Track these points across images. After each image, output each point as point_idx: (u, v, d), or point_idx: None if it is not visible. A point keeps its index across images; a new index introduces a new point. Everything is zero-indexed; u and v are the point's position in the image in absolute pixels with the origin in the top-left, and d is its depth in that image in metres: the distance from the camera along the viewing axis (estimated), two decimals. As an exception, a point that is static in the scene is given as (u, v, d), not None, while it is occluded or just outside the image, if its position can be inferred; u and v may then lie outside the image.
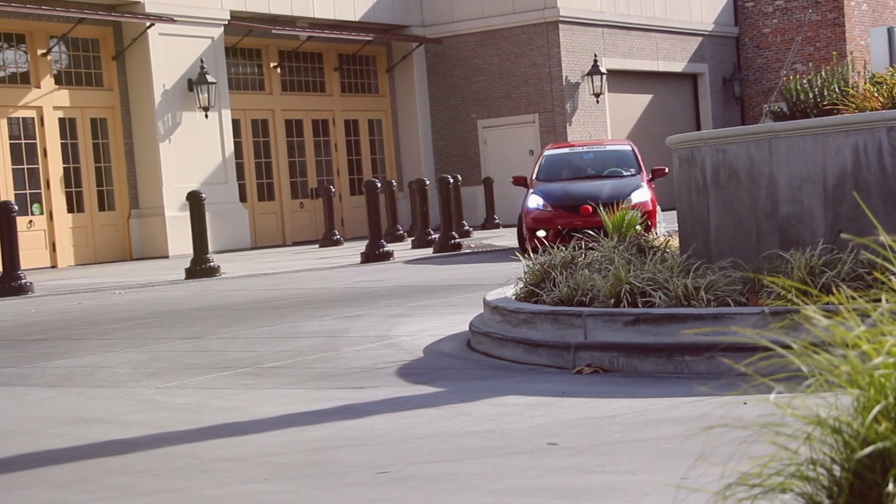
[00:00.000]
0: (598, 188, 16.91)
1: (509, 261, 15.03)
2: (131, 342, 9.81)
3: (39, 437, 6.03)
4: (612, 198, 16.20)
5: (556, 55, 28.31)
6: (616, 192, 16.65)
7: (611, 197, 16.33)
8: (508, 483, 4.44)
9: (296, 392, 6.92)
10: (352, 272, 16.63)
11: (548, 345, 7.29)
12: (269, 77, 26.64)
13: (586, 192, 16.74)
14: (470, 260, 17.68)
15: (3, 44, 21.68)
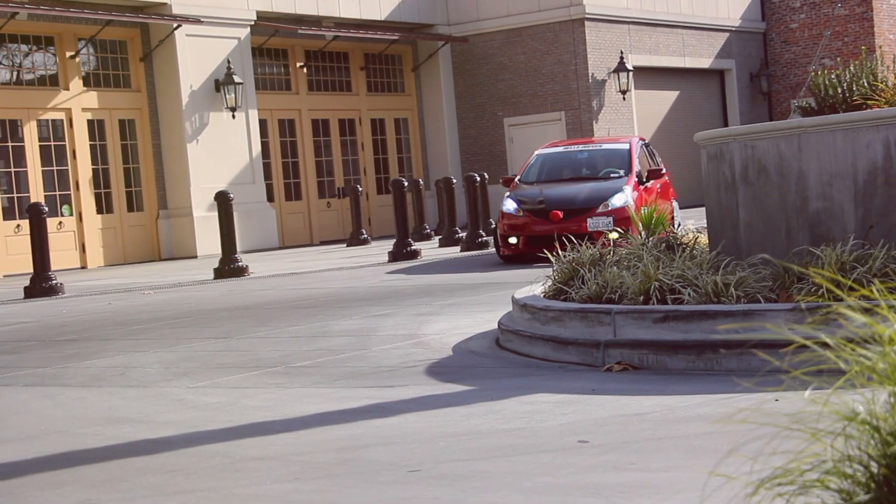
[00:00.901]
0: (573, 192, 16.05)
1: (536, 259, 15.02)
2: (161, 342, 9.85)
3: (72, 436, 6.07)
4: (586, 203, 15.66)
5: (582, 52, 28.25)
6: (592, 196, 15.82)
7: (585, 202, 15.70)
8: (540, 481, 4.43)
9: (326, 391, 6.93)
10: (379, 271, 16.65)
11: (577, 342, 7.28)
12: (296, 77, 26.69)
13: (560, 197, 15.95)
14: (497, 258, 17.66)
15: (33, 46, 21.81)
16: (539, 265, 14.22)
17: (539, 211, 15.72)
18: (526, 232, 15.71)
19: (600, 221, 15.40)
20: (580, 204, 15.67)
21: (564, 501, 4.10)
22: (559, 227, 15.05)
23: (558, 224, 15.30)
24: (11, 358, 9.46)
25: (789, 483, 2.43)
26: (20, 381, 8.14)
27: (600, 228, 15.20)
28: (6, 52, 21.40)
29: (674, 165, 30.56)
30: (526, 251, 15.54)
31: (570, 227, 14.84)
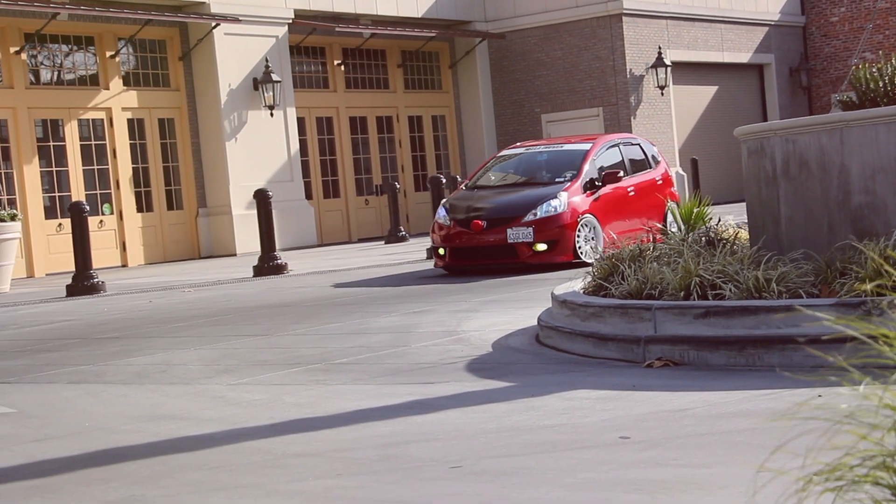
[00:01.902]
0: (504, 200, 14.61)
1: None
2: (202, 339, 9.91)
3: (116, 433, 6.11)
4: (512, 212, 14.27)
5: (619, 48, 28.16)
6: (521, 204, 14.38)
7: (512, 211, 14.30)
8: (582, 477, 4.43)
9: (366, 387, 6.95)
10: (418, 268, 16.65)
11: (617, 338, 7.26)
12: (333, 75, 26.76)
13: (488, 205, 14.55)
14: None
15: (73, 46, 21.98)
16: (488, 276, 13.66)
17: (464, 220, 14.44)
18: (450, 243, 14.46)
19: (520, 233, 14.08)
20: (506, 213, 14.33)
21: (607, 497, 4.10)
22: (479, 238, 14.18)
23: (479, 235, 14.20)
24: (55, 355, 9.54)
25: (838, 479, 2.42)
26: (64, 378, 8.21)
27: (520, 240, 14.07)
28: (47, 52, 21.58)
29: (712, 161, 30.42)
30: (453, 264, 14.54)
31: (489, 239, 14.16)
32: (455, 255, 14.47)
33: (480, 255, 14.31)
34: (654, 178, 16.20)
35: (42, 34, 21.06)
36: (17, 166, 20.74)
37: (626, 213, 15.37)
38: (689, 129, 30.53)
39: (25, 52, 20.93)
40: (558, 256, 14.14)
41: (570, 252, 14.20)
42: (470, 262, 14.42)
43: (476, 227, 14.19)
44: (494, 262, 14.31)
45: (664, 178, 16.46)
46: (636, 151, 16.33)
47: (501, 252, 14.19)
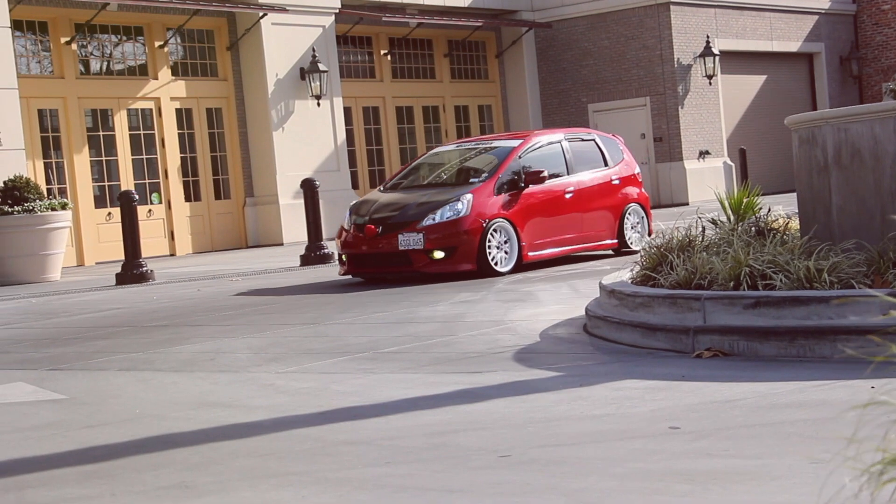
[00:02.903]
0: (408, 202, 13.42)
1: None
2: (250, 328, 9.96)
3: (166, 420, 6.16)
4: (410, 216, 13.13)
5: (667, 37, 27.99)
6: (423, 207, 13.20)
7: (410, 215, 13.15)
8: (631, 467, 4.41)
9: (414, 376, 6.96)
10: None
11: (666, 328, 7.22)
12: (380, 64, 26.79)
13: (391, 208, 13.44)
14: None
15: (122, 37, 22.14)
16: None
17: (362, 225, 13.37)
18: (348, 249, 13.42)
19: (411, 239, 12.94)
20: (402, 217, 13.18)
21: (658, 488, 4.08)
22: (372, 244, 13.15)
23: (373, 241, 13.15)
24: (106, 343, 9.63)
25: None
26: (115, 366, 8.28)
27: (411, 247, 12.95)
28: (97, 42, 21.75)
29: (760, 151, 30.19)
30: (352, 271, 13.49)
31: (381, 246, 13.11)
32: (354, 262, 13.40)
33: (377, 262, 13.25)
34: (609, 178, 14.63)
35: (92, 24, 21.22)
36: (67, 156, 20.93)
37: (559, 219, 13.92)
38: (738, 119, 30.31)
39: (76, 42, 21.11)
40: (458, 265, 12.93)
41: (472, 260, 12.93)
42: (367, 270, 13.40)
43: (370, 233, 13.13)
44: (390, 270, 13.24)
45: (624, 178, 14.84)
46: (587, 148, 14.80)
47: (396, 260, 13.10)
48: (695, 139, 28.46)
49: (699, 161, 28.51)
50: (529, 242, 13.54)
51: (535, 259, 13.66)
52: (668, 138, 28.26)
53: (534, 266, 13.76)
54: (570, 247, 14.11)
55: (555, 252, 13.90)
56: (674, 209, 24.79)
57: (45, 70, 20.88)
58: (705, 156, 28.60)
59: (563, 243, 14.02)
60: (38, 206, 17.03)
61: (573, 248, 14.18)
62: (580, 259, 14.57)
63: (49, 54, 20.93)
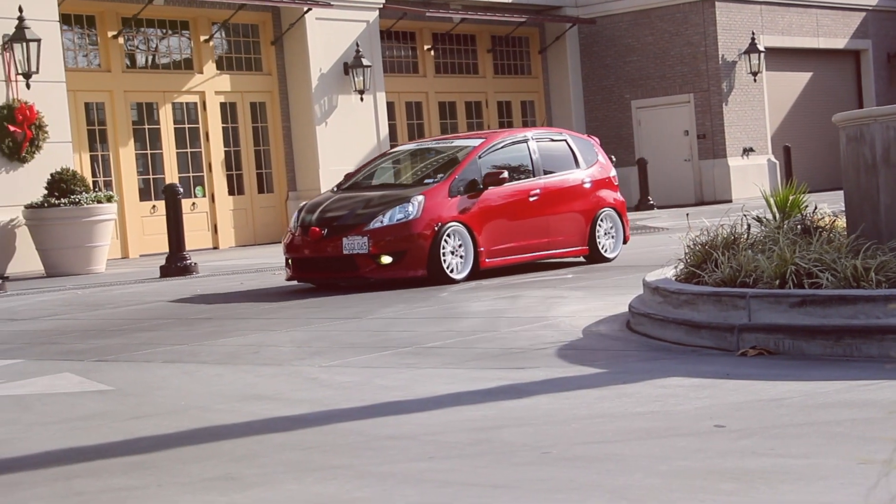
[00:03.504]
0: (358, 204, 12.77)
1: (665, 243, 14.86)
2: (293, 322, 10.00)
3: (211, 412, 6.20)
4: (359, 218, 12.48)
5: (712, 33, 27.83)
6: (372, 209, 12.55)
7: (358, 217, 12.50)
8: (676, 465, 4.39)
9: (457, 372, 6.96)
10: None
11: (710, 326, 7.19)
12: (423, 60, 26.81)
13: (339, 209, 12.74)
14: (625, 241, 17.52)
15: (168, 31, 22.28)
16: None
17: (307, 227, 12.69)
18: (293, 252, 12.76)
19: (355, 242, 12.29)
20: (349, 220, 12.52)
21: (703, 486, 4.06)
22: (317, 248, 12.49)
23: (317, 244, 12.49)
24: (151, 335, 9.70)
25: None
26: (159, 358, 8.35)
27: (355, 251, 12.30)
28: (143, 36, 21.90)
29: (805, 148, 29.97)
30: (297, 276, 12.82)
31: (325, 250, 12.44)
32: (298, 267, 12.74)
33: (322, 267, 12.62)
34: (580, 180, 13.85)
35: (138, 18, 21.37)
36: (113, 148, 21.08)
37: (522, 224, 13.20)
38: (782, 117, 30.10)
39: (122, 36, 21.26)
40: (408, 271, 12.30)
41: (422, 266, 12.29)
42: (311, 276, 12.78)
43: (314, 235, 12.46)
44: (334, 276, 12.66)
45: (598, 181, 14.07)
46: (557, 149, 14.04)
47: (341, 265, 12.44)
48: (739, 136, 28.30)
49: (743, 158, 28.34)
50: (487, 248, 12.79)
51: (494, 266, 12.92)
52: (711, 135, 28.10)
53: (492, 273, 13.04)
54: (534, 253, 13.35)
55: (516, 258, 13.17)
56: (716, 206, 24.66)
57: (92, 63, 21.05)
58: (749, 153, 28.43)
59: (527, 249, 13.25)
60: (85, 198, 17.17)
61: (538, 255, 13.42)
62: (544, 266, 13.76)
63: (96, 48, 21.10)
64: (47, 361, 8.46)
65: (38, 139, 18.04)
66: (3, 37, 17.83)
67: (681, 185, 28.53)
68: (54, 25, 18.60)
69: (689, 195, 28.38)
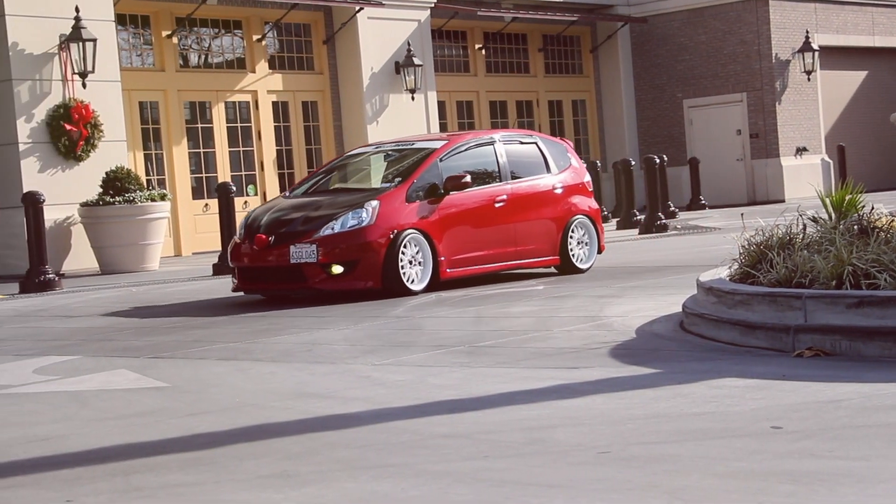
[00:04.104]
0: (302, 211, 11.97)
1: (717, 243, 14.77)
2: (346, 320, 10.03)
3: (265, 409, 6.23)
4: (308, 224, 11.68)
5: (765, 32, 27.62)
6: (323, 215, 11.74)
7: (308, 223, 11.69)
8: (734, 466, 4.37)
9: (510, 371, 6.96)
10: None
11: (765, 327, 7.14)
12: (474, 59, 26.80)
13: (288, 215, 11.93)
14: (677, 241, 17.46)
15: (221, 30, 22.43)
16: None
17: (253, 234, 11.88)
18: (238, 261, 11.95)
19: (303, 251, 11.48)
20: (298, 226, 11.72)
21: (761, 487, 4.03)
22: (263, 257, 11.66)
23: (263, 252, 11.65)
24: (205, 332, 9.77)
25: None
26: (214, 355, 8.40)
27: (303, 260, 11.47)
28: (196, 36, 22.06)
29: (860, 148, 29.65)
30: (242, 287, 12.00)
31: (273, 259, 11.61)
32: (244, 277, 11.90)
33: (268, 277, 11.80)
34: (551, 186, 13.01)
35: (192, 18, 21.53)
36: (166, 147, 21.25)
37: (487, 231, 12.40)
38: (837, 116, 29.81)
39: (176, 35, 21.43)
40: (360, 282, 11.50)
41: (377, 277, 11.50)
42: (258, 286, 11.96)
43: (260, 243, 11.62)
44: (282, 286, 11.81)
45: (570, 187, 13.21)
46: (527, 152, 13.17)
47: (288, 275, 11.62)
48: (792, 136, 28.06)
49: (796, 158, 28.10)
50: (449, 257, 11.96)
51: (456, 276, 12.10)
52: (764, 134, 27.89)
53: (454, 284, 12.20)
54: (500, 263, 12.51)
55: (481, 269, 12.35)
56: (769, 206, 24.47)
57: (147, 63, 21.23)
58: (803, 152, 28.18)
59: (492, 259, 12.41)
60: (139, 196, 17.33)
61: (504, 265, 12.59)
62: (512, 277, 12.95)
63: (150, 48, 21.28)
64: (103, 358, 8.54)
65: (93, 138, 18.22)
66: (60, 37, 18.03)
67: (733, 184, 28.34)
68: (110, 25, 18.77)
69: (741, 195, 28.18)
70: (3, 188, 17.90)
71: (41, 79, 17.95)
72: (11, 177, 17.78)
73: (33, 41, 17.87)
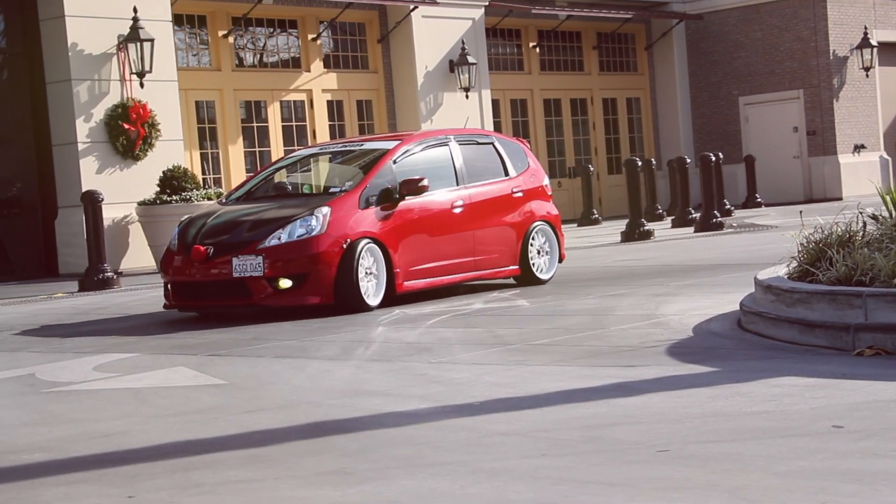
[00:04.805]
0: (244, 219, 10.88)
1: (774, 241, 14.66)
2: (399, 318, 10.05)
3: (322, 407, 6.26)
4: (252, 234, 10.58)
5: (822, 28, 27.34)
6: (268, 223, 10.65)
7: (252, 233, 10.61)
8: (795, 465, 4.33)
9: (566, 369, 6.94)
10: (612, 251, 16.57)
11: (825, 325, 7.06)
12: (528, 57, 26.76)
13: (225, 225, 10.87)
14: (733, 239, 17.33)
15: (277, 30, 22.56)
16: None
17: (189, 245, 10.80)
18: (173, 276, 10.88)
19: (248, 263, 10.41)
20: (241, 236, 10.63)
21: (823, 487, 3.99)
22: (203, 270, 10.58)
23: (202, 266, 10.58)
24: (261, 330, 9.81)
25: None
26: (271, 353, 8.45)
27: (248, 273, 10.40)
28: (251, 35, 22.20)
29: (920, 145, 29.27)
30: (177, 304, 10.93)
31: (213, 272, 10.53)
32: (178, 293, 10.86)
33: (208, 293, 10.72)
34: (509, 190, 12.06)
35: (248, 18, 21.66)
36: (222, 146, 21.41)
37: (445, 240, 11.39)
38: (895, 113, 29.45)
39: (232, 35, 21.58)
40: (310, 297, 10.43)
41: (328, 291, 10.43)
42: (195, 303, 10.90)
43: (197, 255, 10.55)
44: (223, 303, 10.73)
45: (529, 191, 12.26)
46: (484, 153, 12.20)
47: (231, 290, 10.55)
48: (850, 133, 27.77)
49: (854, 155, 27.80)
50: (405, 269, 10.95)
51: (413, 290, 11.07)
52: (821, 132, 27.63)
53: (411, 298, 11.22)
54: (458, 275, 11.52)
55: (439, 281, 11.35)
56: (826, 204, 24.23)
57: (203, 62, 21.40)
58: (861, 150, 27.88)
59: (450, 270, 11.41)
60: (195, 195, 17.47)
61: (463, 277, 11.60)
62: (473, 289, 12.00)
63: (206, 47, 21.44)
64: (162, 356, 8.62)
65: (150, 137, 18.39)
66: (119, 37, 18.21)
67: (789, 182, 28.10)
68: (167, 25, 18.93)
69: (797, 192, 27.93)
70: (62, 188, 18.11)
71: (99, 79, 18.14)
72: (71, 176, 17.98)
73: (92, 42, 18.06)
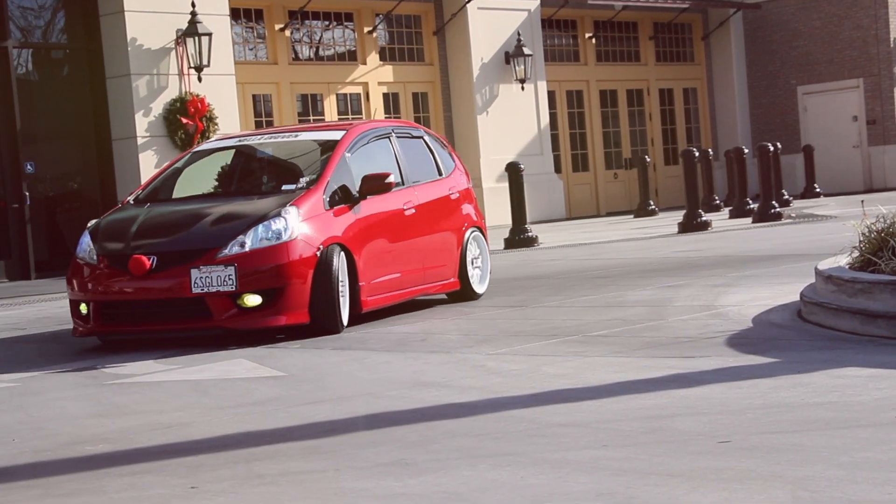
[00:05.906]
0: (191, 222, 8.93)
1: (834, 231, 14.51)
2: (457, 310, 10.06)
3: (381, 398, 6.28)
4: (205, 240, 8.72)
5: (883, 16, 27.00)
6: (219, 229, 8.79)
7: (204, 239, 8.74)
8: (859, 456, 4.29)
9: (625, 360, 6.92)
10: (670, 242, 16.47)
11: (888, 316, 6.99)
12: (584, 48, 26.66)
13: (166, 230, 8.97)
14: (792, 230, 17.17)
15: (333, 23, 22.64)
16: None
17: (120, 255, 8.82)
18: (97, 295, 8.81)
19: (214, 276, 8.53)
20: (192, 243, 8.74)
21: (889, 478, 3.95)
22: (145, 286, 8.64)
23: (144, 280, 8.64)
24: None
25: None
26: (329, 345, 8.49)
27: (214, 289, 8.52)
28: (307, 29, 22.30)
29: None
30: (101, 330, 8.89)
31: (162, 288, 8.62)
32: (105, 317, 8.84)
33: (148, 315, 8.78)
34: (447, 190, 10.68)
35: (304, 11, 21.76)
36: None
37: (400, 247, 9.85)
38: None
39: (289, 28, 21.68)
40: (283, 317, 8.67)
41: (302, 308, 8.72)
42: (130, 328, 8.88)
43: (139, 268, 8.60)
44: (174, 327, 8.74)
45: (463, 192, 10.89)
46: (418, 149, 10.68)
47: (184, 310, 8.66)
48: (911, 121, 27.44)
49: (915, 144, 27.46)
50: (369, 282, 9.34)
51: (376, 306, 9.54)
52: (882, 121, 27.30)
53: (373, 316, 9.74)
54: (411, 288, 10.00)
55: (396, 296, 9.82)
56: (887, 194, 23.93)
57: (260, 56, 21.52)
58: (922, 138, 27.53)
59: (405, 283, 9.89)
60: (253, 188, 17.57)
61: (414, 290, 10.06)
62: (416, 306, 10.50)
63: (263, 41, 21.56)
64: (222, 349, 8.68)
65: (208, 131, 18.53)
66: (177, 31, 18.36)
67: (848, 172, 27.80)
68: (224, 20, 19.06)
69: (857, 182, 27.63)
70: (122, 182, 18.30)
71: (158, 73, 18.31)
72: (130, 171, 18.16)
73: (151, 36, 18.23)
